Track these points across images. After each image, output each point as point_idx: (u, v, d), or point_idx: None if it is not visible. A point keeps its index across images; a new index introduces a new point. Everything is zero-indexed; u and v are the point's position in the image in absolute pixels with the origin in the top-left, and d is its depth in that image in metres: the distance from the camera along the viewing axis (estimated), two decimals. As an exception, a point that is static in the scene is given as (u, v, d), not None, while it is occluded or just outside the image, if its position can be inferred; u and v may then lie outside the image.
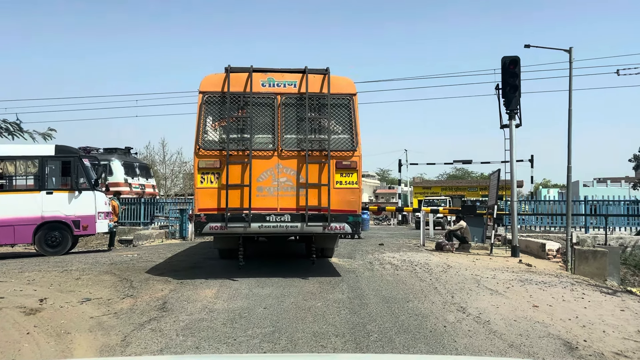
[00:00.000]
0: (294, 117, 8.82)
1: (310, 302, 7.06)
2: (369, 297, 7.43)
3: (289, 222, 8.53)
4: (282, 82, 8.89)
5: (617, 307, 7.39)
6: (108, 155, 23.53)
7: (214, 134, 8.66)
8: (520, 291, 8.15)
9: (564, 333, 5.78)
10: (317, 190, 8.66)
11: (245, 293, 7.57)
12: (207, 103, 8.68)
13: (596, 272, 12.00)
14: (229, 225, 8.36)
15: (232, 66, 8.80)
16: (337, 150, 8.78)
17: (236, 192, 8.48)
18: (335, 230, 8.71)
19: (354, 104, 8.98)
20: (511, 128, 13.44)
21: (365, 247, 14.36)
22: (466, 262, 11.59)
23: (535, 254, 13.98)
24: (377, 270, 9.90)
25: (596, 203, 22.03)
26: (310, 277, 8.76)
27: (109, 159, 23.35)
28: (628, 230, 20.69)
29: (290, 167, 8.65)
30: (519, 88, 13.25)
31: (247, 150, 8.54)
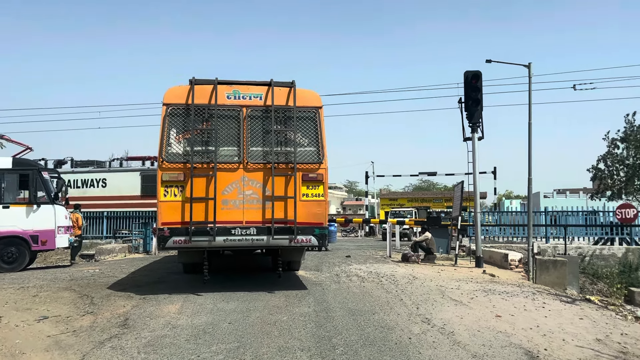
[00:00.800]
0: (260, 129, 8.80)
1: (276, 316, 7.00)
2: (335, 310, 7.41)
3: (255, 236, 8.46)
4: (247, 94, 8.86)
5: (576, 315, 7.59)
6: None
7: (178, 146, 8.55)
8: (484, 301, 8.28)
9: (526, 342, 5.88)
10: (283, 203, 8.63)
11: (209, 308, 7.45)
12: (171, 115, 8.58)
13: (557, 281, 12.30)
14: (193, 239, 8.24)
15: (196, 78, 8.74)
16: (303, 163, 8.78)
17: (201, 206, 8.37)
18: (302, 243, 8.69)
19: (320, 116, 9.02)
20: (474, 141, 13.72)
21: (332, 259, 14.36)
22: (431, 273, 11.71)
23: (498, 264, 14.25)
24: (344, 283, 9.90)
25: (556, 214, 22.64)
26: (276, 291, 8.70)
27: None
28: (586, 240, 21.30)
29: (256, 180, 8.61)
30: (481, 102, 13.57)
31: (212, 163, 8.46)
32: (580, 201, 47.63)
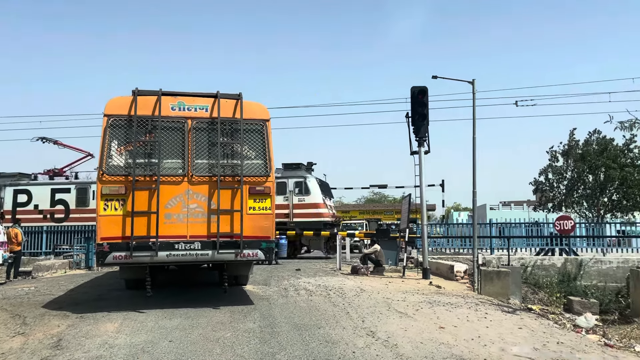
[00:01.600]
0: (206, 142, 8.66)
1: (220, 332, 6.84)
2: (280, 325, 7.32)
3: (199, 250, 8.28)
4: (193, 106, 8.72)
5: (516, 325, 7.79)
6: (298, 172, 21.62)
7: (119, 158, 8.29)
8: (429, 313, 8.38)
9: (467, 353, 5.97)
10: (230, 217, 8.49)
11: (150, 326, 7.20)
12: (112, 127, 8.32)
13: (500, 292, 12.62)
14: (135, 254, 7.98)
15: (140, 89, 8.53)
16: (250, 176, 8.69)
17: (143, 220, 8.13)
18: (248, 258, 8.56)
19: (267, 129, 8.97)
20: (420, 154, 13.99)
21: (281, 273, 14.23)
22: (379, 286, 11.78)
23: (445, 275, 14.51)
24: (291, 297, 9.82)
25: (501, 225, 23.32)
26: (221, 307, 8.52)
27: (304, 175, 21.45)
28: (529, 250, 22.02)
29: (201, 193, 8.44)
30: (427, 117, 13.88)
31: (155, 176, 8.24)
32: (524, 213, 49.33)
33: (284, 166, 22.06)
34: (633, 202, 28.12)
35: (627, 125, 8.73)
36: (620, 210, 28.92)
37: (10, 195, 21.92)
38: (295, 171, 21.81)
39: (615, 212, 29.13)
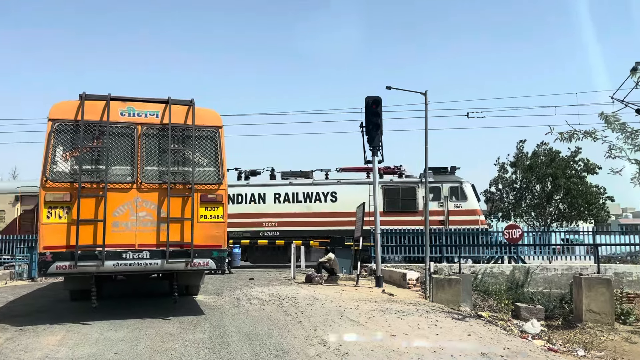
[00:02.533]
0: (156, 148, 8.47)
1: (168, 344, 6.67)
2: (231, 335, 7.21)
3: (148, 259, 8.06)
4: (143, 111, 8.52)
5: (465, 332, 7.94)
6: (451, 177, 20.27)
7: (65, 164, 8.00)
8: (380, 321, 8.44)
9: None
10: (180, 225, 8.32)
11: (95, 338, 6.94)
12: (57, 131, 8.03)
13: (451, 299, 12.86)
14: (79, 264, 7.69)
15: (87, 93, 8.28)
16: (202, 184, 8.55)
17: (89, 228, 7.85)
18: (199, 267, 8.40)
19: (220, 136, 8.86)
20: (374, 163, 14.15)
21: (234, 283, 14.05)
22: (333, 294, 11.79)
23: (397, 283, 14.67)
24: (244, 306, 9.69)
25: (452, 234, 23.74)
26: (171, 317, 8.31)
27: (460, 180, 20.15)
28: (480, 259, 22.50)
29: (150, 201, 8.24)
30: (381, 126, 14.06)
31: (102, 183, 7.99)
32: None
33: (433, 170, 20.22)
34: (577, 212, 29.25)
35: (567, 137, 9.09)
36: (565, 219, 30.03)
37: None
38: (449, 176, 20.79)
39: (561, 221, 30.23)
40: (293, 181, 21.47)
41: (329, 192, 21.08)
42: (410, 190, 20.79)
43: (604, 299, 12.93)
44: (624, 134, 8.42)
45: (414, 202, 20.62)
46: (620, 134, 8.49)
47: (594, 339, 10.86)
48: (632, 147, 8.43)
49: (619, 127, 8.42)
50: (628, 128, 8.40)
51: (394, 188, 20.85)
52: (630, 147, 8.43)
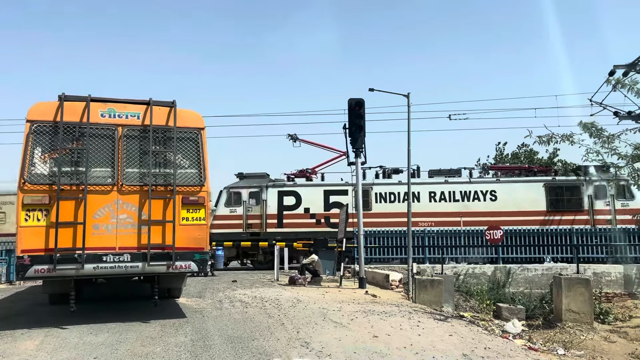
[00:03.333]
0: (137, 150, 8.39)
1: (149, 347, 6.60)
2: (213, 338, 7.16)
3: (129, 262, 7.98)
4: (124, 113, 8.44)
5: (447, 332, 7.99)
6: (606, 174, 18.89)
7: (43, 166, 7.88)
8: (363, 322, 8.45)
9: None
10: (161, 228, 8.24)
11: (74, 342, 6.85)
12: (36, 133, 7.91)
13: (434, 300, 12.93)
14: (58, 267, 7.57)
15: (67, 94, 8.16)
16: (184, 185, 8.49)
17: (68, 231, 7.74)
18: (181, 270, 8.33)
19: (202, 138, 8.81)
20: (357, 165, 14.20)
21: (217, 285, 13.97)
22: (316, 296, 11.78)
23: (381, 284, 14.71)
24: (226, 309, 9.64)
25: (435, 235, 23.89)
26: (152, 320, 8.23)
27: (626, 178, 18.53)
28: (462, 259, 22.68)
29: (131, 203, 8.15)
30: (364, 128, 14.10)
31: (81, 185, 7.89)
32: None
33: (596, 168, 19.83)
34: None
35: (545, 140, 9.26)
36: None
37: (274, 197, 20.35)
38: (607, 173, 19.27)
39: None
40: (449, 179, 20.87)
41: (487, 191, 20.56)
42: (575, 189, 20.25)
43: (583, 299, 13.12)
44: (601, 139, 8.59)
45: (579, 201, 20.14)
46: (597, 139, 8.66)
47: (574, 338, 11.02)
48: (609, 151, 8.60)
49: (596, 133, 8.58)
50: (604, 133, 8.57)
51: (558, 186, 20.30)
52: (607, 151, 8.60)
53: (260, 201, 20.70)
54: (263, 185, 20.87)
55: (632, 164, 8.49)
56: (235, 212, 20.79)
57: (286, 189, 20.82)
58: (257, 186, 20.90)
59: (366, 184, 20.33)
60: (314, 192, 20.80)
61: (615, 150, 8.60)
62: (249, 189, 20.97)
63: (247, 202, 20.83)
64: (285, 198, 20.69)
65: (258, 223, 20.67)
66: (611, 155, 8.65)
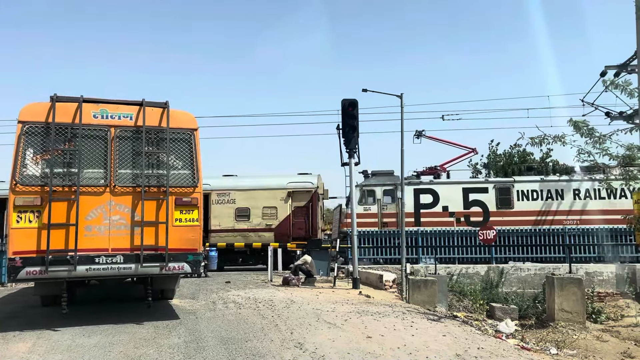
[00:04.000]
0: (130, 151, 8.36)
1: (142, 349, 6.58)
2: (207, 339, 7.14)
3: (122, 264, 7.94)
4: (116, 114, 8.40)
5: (440, 332, 8.01)
6: None
7: (35, 167, 7.83)
8: (357, 323, 8.45)
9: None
10: (154, 229, 8.22)
11: (67, 344, 6.81)
12: (28, 134, 7.86)
13: (427, 300, 12.97)
14: (51, 269, 7.53)
15: (58, 95, 8.12)
16: (177, 186, 8.47)
17: (60, 232, 7.70)
18: (174, 271, 8.31)
19: (195, 139, 8.79)
20: (351, 166, 14.21)
21: (210, 286, 13.92)
22: (309, 296, 11.78)
23: (374, 285, 14.73)
24: (220, 310, 9.61)
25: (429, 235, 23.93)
26: (145, 322, 8.20)
27: None
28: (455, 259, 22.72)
29: (124, 204, 8.12)
30: (358, 129, 14.11)
31: (74, 186, 7.85)
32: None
33: None
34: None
35: (537, 141, 9.31)
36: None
37: (410, 195, 19.84)
38: None
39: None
40: (595, 177, 19.51)
41: None
42: None
43: (575, 298, 13.20)
44: (592, 139, 8.64)
45: None
46: (589, 138, 8.71)
47: (566, 338, 11.09)
48: (600, 152, 8.66)
49: (587, 132, 8.63)
50: (596, 133, 8.62)
51: None
52: (598, 151, 8.66)
53: (395, 199, 20.21)
54: (397, 182, 20.20)
55: (623, 164, 8.54)
56: (369, 211, 20.36)
57: (422, 187, 20.38)
58: (391, 184, 20.49)
59: (507, 182, 20.15)
60: (452, 190, 20.31)
61: (607, 151, 8.66)
62: (383, 186, 20.59)
63: (382, 200, 20.51)
64: (421, 196, 20.28)
65: (394, 222, 20.18)
66: (602, 156, 8.71)
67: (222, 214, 20.43)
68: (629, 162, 8.49)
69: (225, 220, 20.47)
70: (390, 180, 20.76)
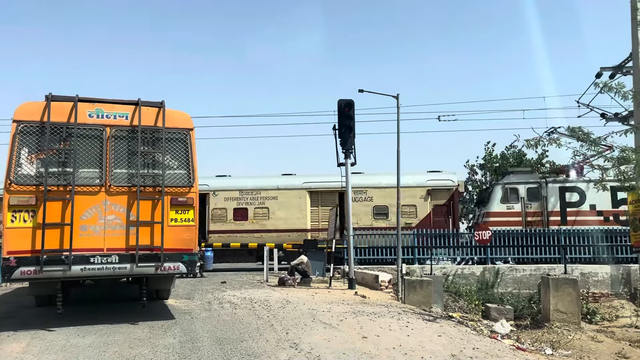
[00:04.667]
0: (125, 150, 8.34)
1: (137, 349, 6.56)
2: (202, 339, 7.13)
3: (117, 264, 7.92)
4: (112, 113, 8.38)
5: (436, 333, 8.02)
6: None
7: (30, 167, 7.81)
8: (352, 323, 8.46)
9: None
10: (150, 229, 8.20)
11: (61, 344, 6.79)
12: (23, 133, 7.84)
13: (423, 300, 12.98)
14: (45, 269, 7.50)
15: (54, 94, 8.10)
16: (172, 186, 8.45)
17: (55, 232, 7.68)
18: (169, 271, 8.29)
19: (191, 138, 8.78)
20: (347, 166, 14.21)
21: (206, 286, 13.91)
22: (305, 297, 11.77)
23: (370, 285, 14.74)
24: (215, 310, 9.60)
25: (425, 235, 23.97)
26: (140, 322, 8.18)
27: None
28: (451, 260, 22.76)
29: (119, 204, 8.10)
30: (354, 129, 14.12)
31: (69, 186, 7.82)
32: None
33: None
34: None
35: (533, 144, 9.39)
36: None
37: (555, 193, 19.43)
38: None
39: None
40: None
41: None
42: None
43: (570, 299, 13.25)
44: (587, 142, 8.70)
45: None
46: (584, 142, 8.77)
47: (561, 338, 11.12)
48: (595, 154, 8.71)
49: (583, 137, 8.69)
50: (592, 136, 8.68)
51: None
52: (593, 153, 8.71)
53: (540, 197, 19.86)
54: (542, 180, 20.15)
55: (617, 166, 8.58)
56: (512, 209, 19.99)
57: (568, 185, 19.98)
58: (535, 182, 20.18)
59: None
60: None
61: (601, 153, 8.72)
62: (526, 184, 20.19)
63: (525, 198, 20.09)
64: (567, 194, 19.87)
65: (538, 220, 19.88)
66: (597, 158, 8.77)
67: (359, 212, 20.10)
68: (623, 163, 8.52)
69: (363, 219, 20.27)
70: (532, 178, 20.52)
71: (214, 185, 20.90)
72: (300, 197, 20.70)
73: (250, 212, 20.70)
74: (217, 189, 20.80)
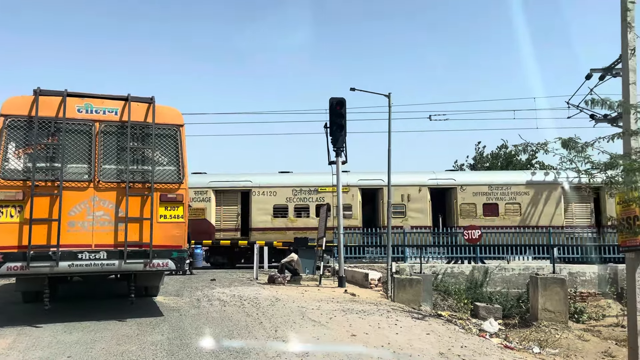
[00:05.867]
0: (115, 146, 8.27)
1: (125, 346, 6.52)
2: (190, 336, 7.10)
3: (105, 260, 7.86)
4: (101, 108, 8.31)
5: (424, 331, 8.05)
6: None
7: (17, 162, 7.72)
8: (342, 321, 8.46)
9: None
10: (139, 225, 8.13)
11: (47, 341, 6.73)
12: (10, 127, 7.74)
13: (412, 299, 13.02)
14: (32, 264, 7.43)
15: (42, 89, 8.01)
16: (162, 183, 8.39)
17: (42, 228, 7.60)
18: (158, 268, 8.24)
19: (181, 135, 8.72)
20: (338, 164, 14.21)
21: (196, 283, 13.84)
22: (295, 294, 11.77)
23: (360, 283, 14.76)
24: (204, 308, 9.56)
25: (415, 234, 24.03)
26: (128, 319, 8.13)
27: None
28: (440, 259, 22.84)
29: (108, 200, 8.03)
30: (345, 127, 14.12)
31: (57, 181, 7.75)
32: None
33: None
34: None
35: (521, 149, 9.56)
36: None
37: None
38: None
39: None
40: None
41: None
42: None
43: (558, 298, 13.36)
44: (575, 149, 8.80)
45: None
46: (573, 150, 8.86)
47: (549, 337, 11.21)
48: (582, 160, 8.79)
49: (573, 146, 8.79)
50: (579, 142, 8.76)
51: None
52: (581, 159, 8.79)
53: None
54: None
55: (605, 171, 8.64)
56: None
57: None
58: None
59: None
60: None
61: (589, 159, 8.78)
62: None
63: None
64: None
65: None
66: (585, 164, 8.85)
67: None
68: (610, 168, 8.58)
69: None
70: None
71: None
72: None
73: None
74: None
